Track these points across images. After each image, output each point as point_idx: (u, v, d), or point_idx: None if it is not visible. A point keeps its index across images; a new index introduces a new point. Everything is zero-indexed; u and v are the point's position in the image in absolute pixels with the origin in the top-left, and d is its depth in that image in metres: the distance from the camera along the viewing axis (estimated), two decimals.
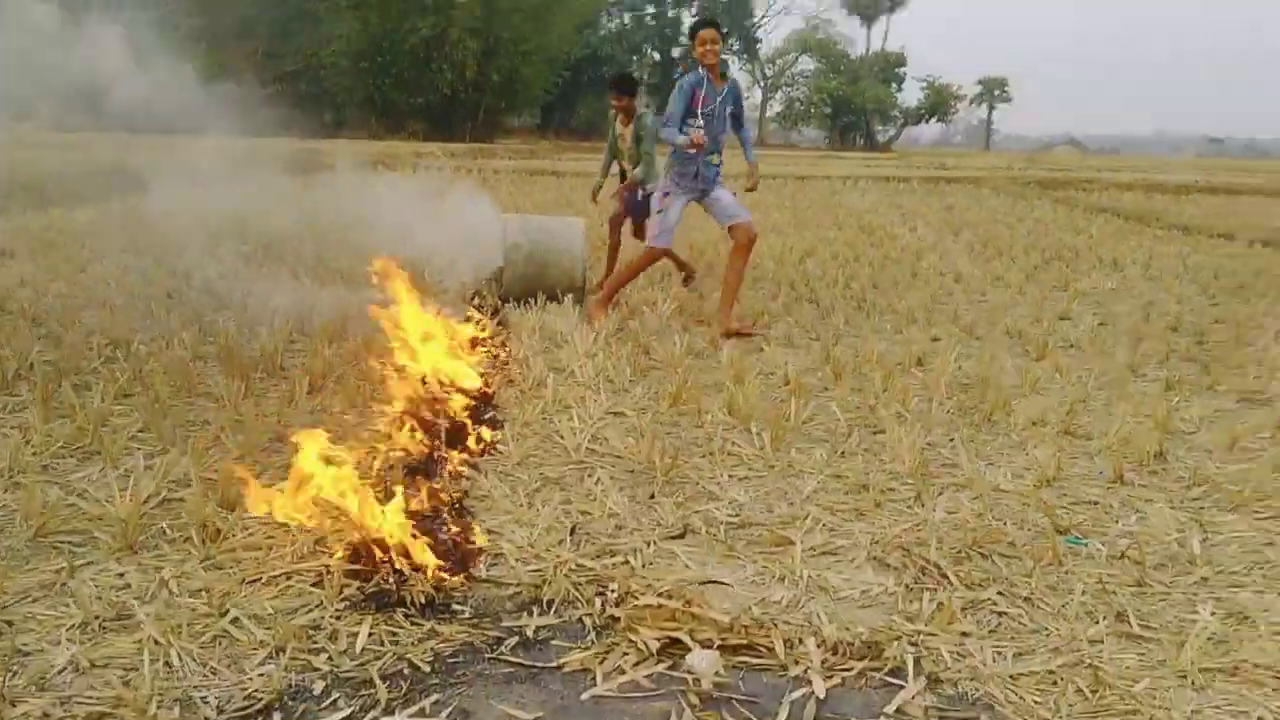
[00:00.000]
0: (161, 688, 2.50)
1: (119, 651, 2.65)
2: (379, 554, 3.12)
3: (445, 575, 3.09)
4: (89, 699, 2.44)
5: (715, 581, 3.19)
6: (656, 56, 64.75)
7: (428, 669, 2.65)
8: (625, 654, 2.74)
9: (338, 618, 2.88)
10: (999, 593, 3.16)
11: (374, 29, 45.45)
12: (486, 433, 4.51)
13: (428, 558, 3.12)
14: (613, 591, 3.07)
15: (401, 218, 9.12)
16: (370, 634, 2.79)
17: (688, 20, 65.46)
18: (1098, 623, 2.98)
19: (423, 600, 2.98)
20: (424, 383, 4.82)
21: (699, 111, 6.56)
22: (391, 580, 3.04)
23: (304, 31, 44.95)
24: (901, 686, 2.64)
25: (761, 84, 72.16)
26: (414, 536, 3.18)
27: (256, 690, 2.51)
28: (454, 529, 3.41)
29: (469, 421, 4.64)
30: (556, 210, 14.03)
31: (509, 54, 47.81)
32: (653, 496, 3.91)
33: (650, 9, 64.91)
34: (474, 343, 5.96)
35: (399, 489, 3.48)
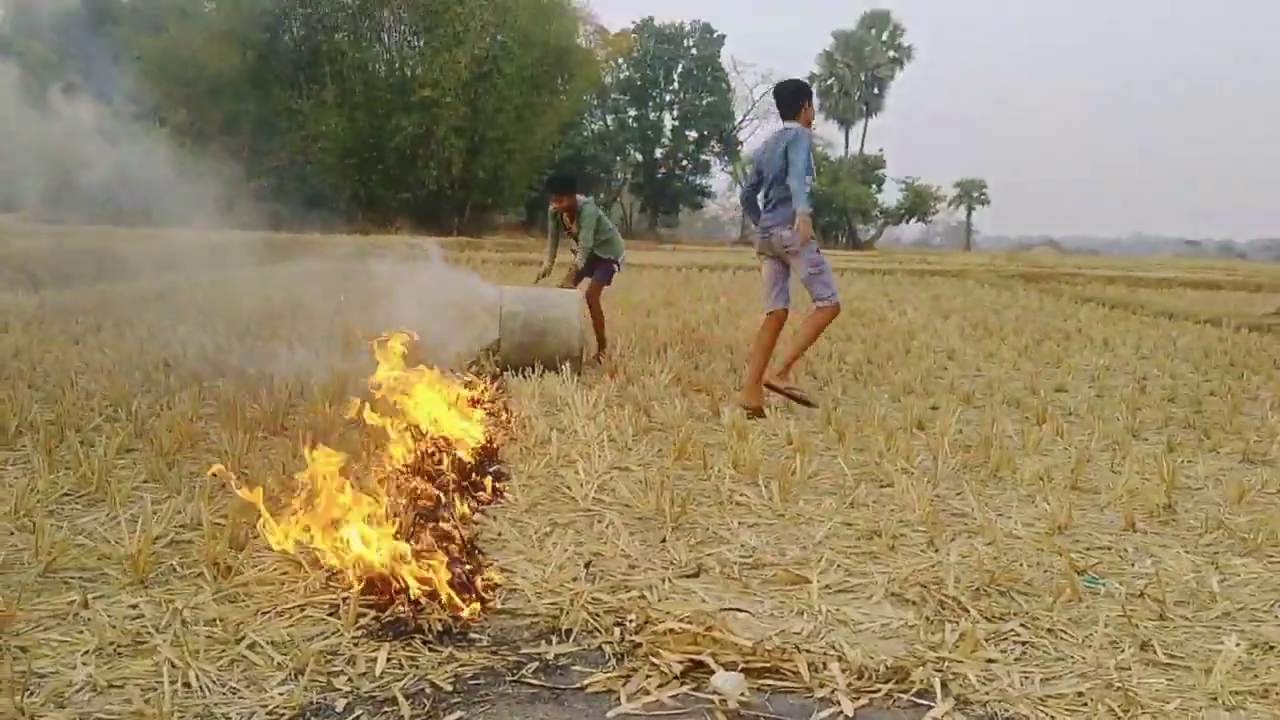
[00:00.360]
0: (181, 705, 2.44)
1: (136, 673, 2.60)
2: (394, 584, 3.08)
3: (462, 603, 3.04)
4: (110, 714, 2.39)
5: (736, 609, 3.16)
6: (639, 158, 65.74)
7: (450, 689, 2.60)
8: (648, 676, 2.70)
9: (355, 644, 2.83)
10: (1021, 625, 3.13)
11: (360, 126, 46.06)
12: (493, 482, 4.48)
13: (443, 586, 3.08)
14: (631, 620, 3.03)
15: (395, 294, 9.18)
16: (389, 659, 2.75)
17: (669, 122, 66.78)
18: (1123, 651, 2.95)
19: (440, 628, 2.93)
20: (427, 438, 4.81)
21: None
22: (408, 609, 3.00)
23: (291, 128, 45.54)
24: (929, 707, 2.60)
25: (743, 184, 73.20)
26: (428, 567, 3.14)
27: (278, 707, 2.46)
28: (468, 565, 3.37)
29: (475, 473, 4.62)
30: None
31: (494, 152, 48.44)
32: (664, 540, 3.88)
33: (633, 111, 66.09)
34: (474, 403, 5.95)
35: (411, 527, 3.45)
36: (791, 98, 6.55)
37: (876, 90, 69.75)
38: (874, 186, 69.98)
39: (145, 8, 47.57)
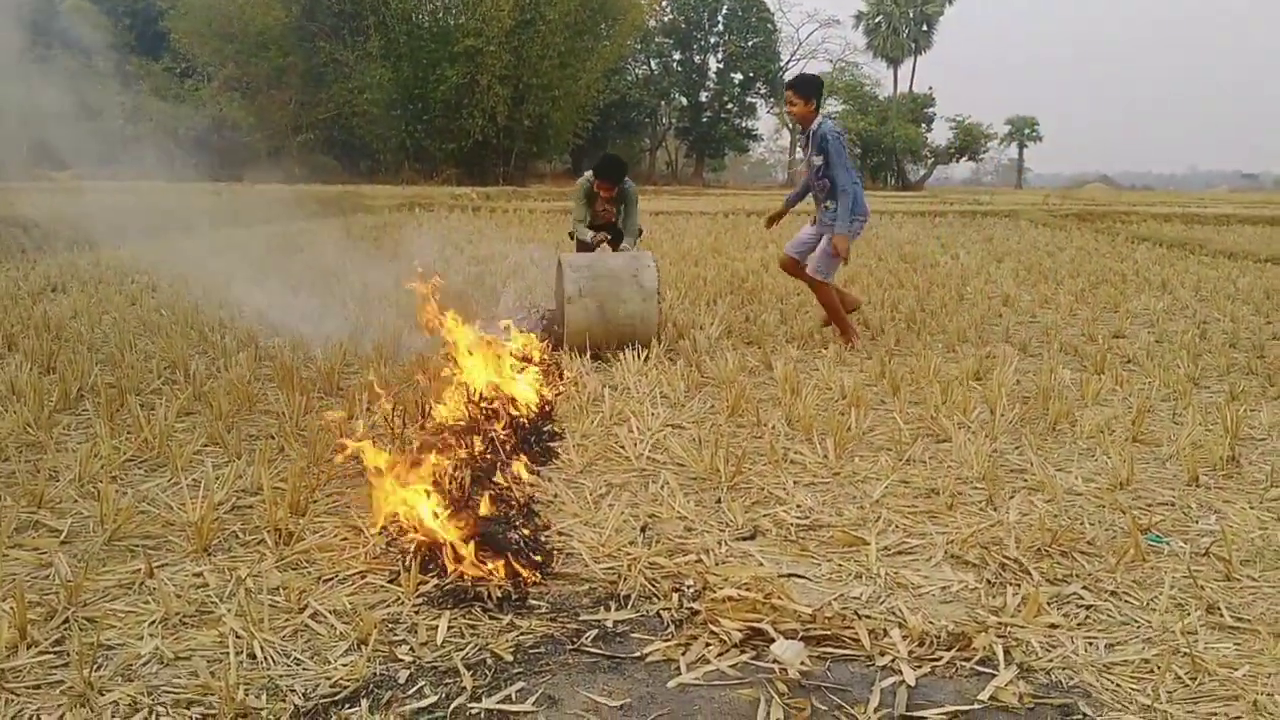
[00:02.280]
0: (247, 677, 2.47)
1: (202, 644, 2.64)
2: (452, 556, 3.09)
3: (521, 571, 3.06)
4: (177, 687, 2.43)
5: (794, 575, 3.15)
6: (684, 101, 65.15)
7: (510, 659, 2.62)
8: (708, 644, 2.69)
9: (416, 612, 2.86)
10: (1084, 587, 3.09)
11: (405, 77, 46.00)
12: (549, 442, 4.50)
13: (502, 557, 3.09)
14: (689, 586, 3.03)
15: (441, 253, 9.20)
16: (450, 627, 2.77)
17: (714, 65, 66.05)
18: (1189, 615, 2.91)
19: (499, 595, 2.95)
20: (482, 397, 4.82)
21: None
22: (468, 577, 3.01)
23: (336, 80, 45.57)
24: (992, 675, 2.57)
25: (789, 126, 72.41)
26: (486, 536, 3.16)
27: (342, 679, 2.48)
28: (525, 530, 3.38)
29: (531, 434, 4.63)
30: None
31: (538, 100, 48.22)
32: (719, 500, 3.87)
33: (677, 55, 65.41)
34: (527, 360, 5.95)
35: (468, 492, 3.47)
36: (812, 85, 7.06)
37: (925, 27, 68.47)
38: (923, 125, 68.97)
39: None
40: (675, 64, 65.60)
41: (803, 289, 9.59)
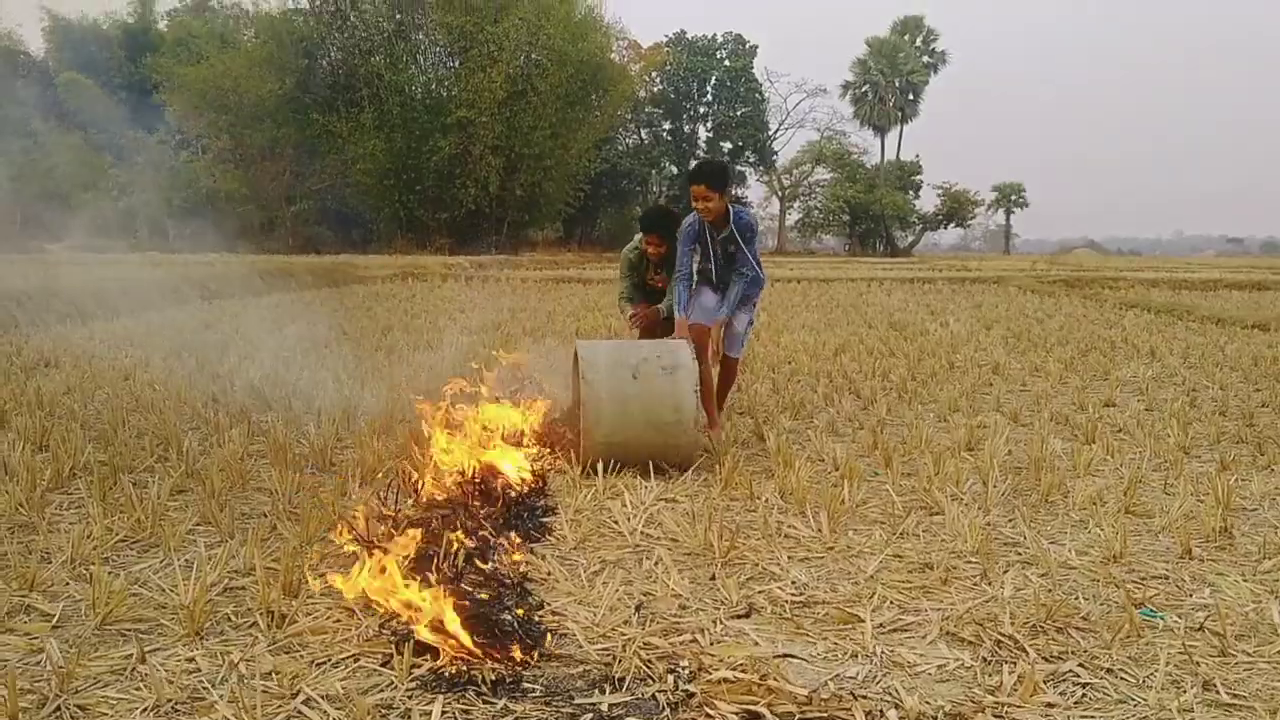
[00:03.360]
0: None
1: None
2: (447, 639, 3.07)
3: (515, 654, 3.04)
4: None
5: (789, 655, 3.14)
6: (674, 170, 65.88)
7: None
8: None
9: (409, 696, 2.84)
10: (1080, 665, 3.08)
11: (398, 148, 46.56)
12: (542, 517, 4.49)
13: (494, 640, 3.08)
14: (685, 667, 3.02)
15: (434, 323, 9.25)
16: (444, 712, 2.75)
17: (704, 134, 66.86)
18: (1185, 692, 2.90)
19: (493, 679, 2.93)
20: (475, 473, 4.83)
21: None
22: (461, 660, 3.00)
23: (330, 151, 46.05)
24: None
25: (779, 194, 73.12)
26: (478, 617, 3.15)
27: None
28: (518, 610, 3.37)
29: (523, 508, 4.63)
30: (586, 314, 14.18)
31: (530, 169, 48.80)
32: (713, 577, 3.86)
33: (667, 125, 66.31)
34: (521, 436, 5.96)
35: (460, 571, 3.46)
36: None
37: (911, 96, 69.50)
38: (911, 192, 69.77)
39: (185, 38, 48.35)
40: (665, 133, 66.56)
41: (795, 358, 9.66)
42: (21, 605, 3.46)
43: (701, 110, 66.79)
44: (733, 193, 6.52)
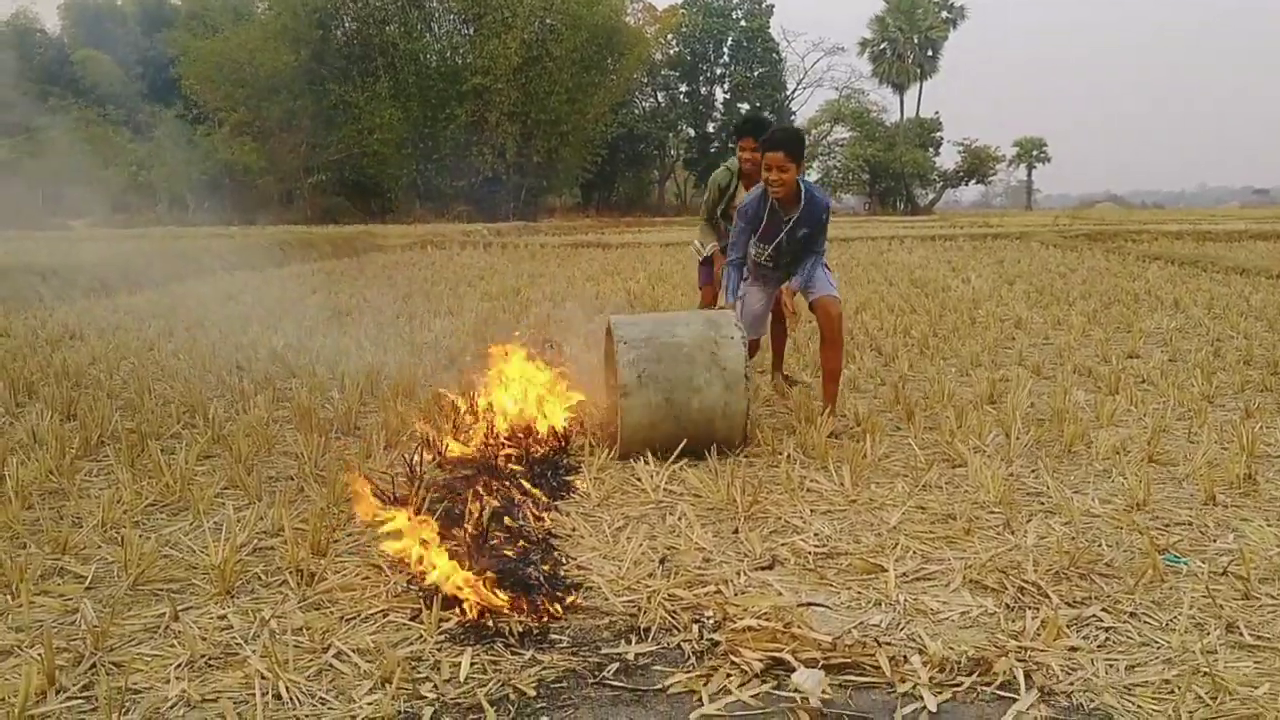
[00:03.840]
0: (274, 718, 2.50)
1: (227, 686, 2.66)
2: (472, 593, 3.11)
3: (542, 606, 3.08)
4: None
5: (813, 604, 3.16)
6: (692, 132, 65.51)
7: (533, 694, 2.63)
8: (729, 675, 2.71)
9: (439, 649, 2.88)
10: (1103, 609, 3.09)
11: (414, 116, 46.48)
12: (565, 475, 4.53)
13: (522, 593, 3.12)
14: (709, 617, 3.05)
15: (454, 290, 9.28)
16: (473, 663, 2.79)
17: (720, 96, 66.41)
18: (1208, 634, 2.91)
19: (521, 630, 2.97)
20: (499, 434, 4.86)
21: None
22: (488, 614, 3.04)
23: (346, 121, 45.98)
24: (1014, 700, 2.58)
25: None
26: (505, 573, 3.18)
27: (368, 717, 2.50)
28: (544, 565, 3.41)
29: (546, 466, 4.67)
30: (605, 278, 14.18)
31: (547, 135, 48.65)
32: (736, 531, 3.89)
33: (683, 87, 65.85)
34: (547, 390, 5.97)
35: (486, 529, 3.49)
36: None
37: (930, 52, 68.70)
38: (931, 150, 69.17)
39: (200, 12, 48.27)
40: (682, 96, 66.06)
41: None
42: (55, 568, 3.52)
43: (718, 72, 66.21)
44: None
